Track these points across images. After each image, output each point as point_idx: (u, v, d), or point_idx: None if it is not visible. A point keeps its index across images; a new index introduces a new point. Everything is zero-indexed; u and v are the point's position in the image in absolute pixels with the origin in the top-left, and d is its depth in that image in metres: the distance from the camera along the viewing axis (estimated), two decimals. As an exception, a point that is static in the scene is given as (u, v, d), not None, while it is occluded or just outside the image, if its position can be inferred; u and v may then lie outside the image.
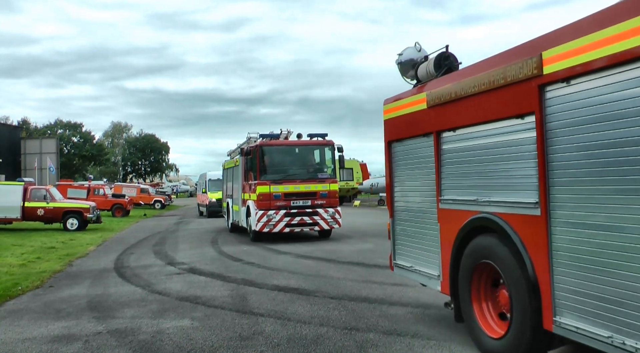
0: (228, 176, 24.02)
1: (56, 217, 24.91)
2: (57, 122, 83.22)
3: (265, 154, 17.99)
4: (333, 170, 18.56)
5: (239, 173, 20.32)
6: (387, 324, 7.13)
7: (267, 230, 17.58)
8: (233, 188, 22.07)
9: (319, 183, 18.05)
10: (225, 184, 24.70)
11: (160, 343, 6.63)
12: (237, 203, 20.94)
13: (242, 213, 19.72)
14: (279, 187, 17.60)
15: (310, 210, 17.87)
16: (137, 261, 14.30)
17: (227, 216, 23.75)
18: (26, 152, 56.58)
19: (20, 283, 10.99)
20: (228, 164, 24.31)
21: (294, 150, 18.70)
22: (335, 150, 18.55)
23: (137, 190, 48.23)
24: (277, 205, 17.59)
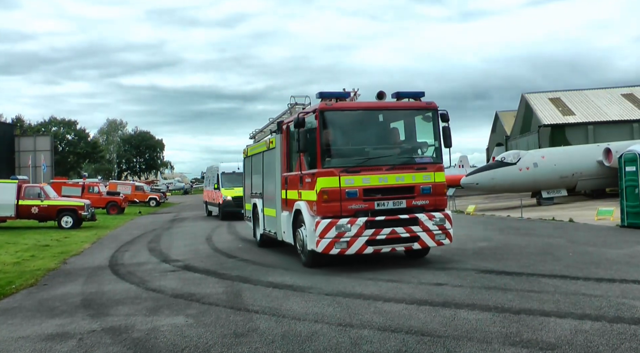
0: (254, 167, 16.40)
1: (50, 215, 24.83)
2: (51, 120, 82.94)
3: (330, 124, 11.10)
4: (437, 151, 11.75)
5: (274, 160, 13.71)
6: (381, 320, 7.14)
7: (337, 251, 10.68)
8: (264, 183, 14.98)
9: (417, 172, 11.22)
10: (249, 178, 17.16)
11: (154, 340, 6.63)
12: (271, 205, 14.21)
13: (284, 221, 12.88)
14: (354, 178, 10.80)
15: (405, 215, 11.03)
16: (132, 258, 14.28)
17: (254, 223, 16.41)
18: (20, 149, 56.31)
19: (14, 282, 10.96)
20: (253, 150, 16.91)
21: (376, 118, 11.83)
22: (438, 118, 11.71)
23: (131, 187, 48.19)
24: (352, 208, 10.78)
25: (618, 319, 6.82)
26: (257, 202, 15.76)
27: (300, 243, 11.91)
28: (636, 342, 5.96)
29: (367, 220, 10.77)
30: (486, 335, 6.31)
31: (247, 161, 17.83)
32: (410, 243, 11.15)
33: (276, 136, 13.78)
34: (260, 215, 15.37)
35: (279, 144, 13.45)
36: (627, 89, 45.29)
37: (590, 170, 29.21)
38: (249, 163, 17.30)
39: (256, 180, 16.02)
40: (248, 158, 17.52)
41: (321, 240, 10.70)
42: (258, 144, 17.25)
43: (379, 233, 10.82)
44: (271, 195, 14.14)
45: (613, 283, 8.92)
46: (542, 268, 10.38)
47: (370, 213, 10.87)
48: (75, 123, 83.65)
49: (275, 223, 13.79)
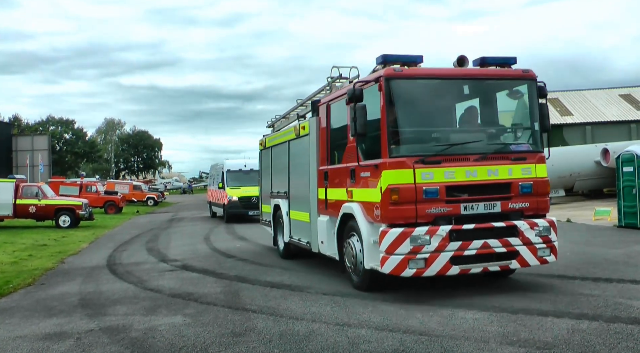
0: (275, 160, 13.83)
1: (48, 214, 24.80)
2: (49, 119, 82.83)
3: (401, 97, 8.28)
4: (534, 135, 8.95)
5: (306, 150, 11.05)
6: (379, 320, 7.15)
7: (412, 272, 7.94)
8: (290, 180, 12.28)
9: (515, 164, 8.52)
10: (268, 174, 14.35)
11: (152, 340, 6.63)
12: (301, 207, 11.52)
13: (323, 228, 10.34)
14: (433, 171, 8.10)
15: (501, 223, 8.33)
16: (130, 258, 14.27)
17: (276, 229, 13.78)
18: (17, 149, 56.22)
19: (11, 281, 10.95)
20: (273, 140, 14.10)
21: (460, 90, 9.09)
22: (536, 91, 8.86)
23: (129, 187, 48.15)
24: (430, 213, 8.09)
25: (615, 319, 6.84)
26: (280, 203, 12.90)
27: (350, 259, 9.14)
28: (633, 341, 5.98)
29: (452, 230, 8.02)
30: (484, 335, 6.33)
31: (265, 154, 14.88)
32: (506, 262, 8.29)
33: (310, 120, 11.01)
34: (285, 219, 12.51)
35: (314, 129, 10.73)
36: (625, 90, 45.39)
37: (587, 170, 29.26)
38: (268, 156, 14.41)
39: (278, 176, 13.33)
40: (266, 150, 14.58)
41: (389, 257, 7.86)
42: (281, 131, 13.70)
43: (467, 247, 8.05)
44: (301, 194, 11.41)
45: (610, 283, 8.95)
46: (539, 268, 10.39)
47: (454, 219, 8.14)
48: (73, 122, 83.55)
49: (308, 231, 11.08)
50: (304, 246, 11.44)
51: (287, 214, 12.44)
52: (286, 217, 12.50)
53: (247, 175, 26.73)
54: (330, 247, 10.10)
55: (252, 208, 24.65)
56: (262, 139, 15.28)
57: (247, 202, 25.22)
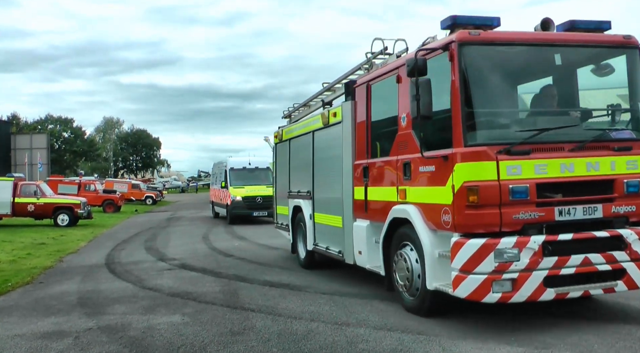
0: (294, 155, 12.15)
1: (47, 212, 24.78)
2: (47, 117, 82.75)
3: (478, 68, 6.62)
4: (638, 118, 7.11)
5: (337, 141, 9.43)
6: (377, 319, 7.16)
7: (497, 296, 6.13)
8: (314, 177, 10.65)
9: (618, 155, 6.73)
10: (285, 171, 12.67)
11: (151, 339, 6.63)
12: (329, 209, 9.95)
13: (360, 235, 8.79)
14: (521, 164, 6.32)
15: (604, 233, 6.49)
16: (128, 257, 14.27)
17: (295, 234, 12.06)
18: (16, 147, 56.11)
19: (10, 280, 10.94)
20: (293, 131, 12.34)
21: (550, 60, 7.01)
22: (639, 63, 7.09)
23: (128, 185, 48.08)
24: (518, 218, 6.28)
25: (613, 318, 6.85)
26: (301, 204, 11.29)
27: (402, 276, 7.39)
28: (631, 340, 5.99)
29: (546, 241, 6.21)
30: (482, 334, 6.34)
31: (281, 148, 13.17)
32: (611, 283, 6.44)
33: (343, 105, 9.29)
34: (308, 223, 10.88)
35: (348, 115, 9.04)
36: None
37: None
38: (285, 150, 12.65)
39: (299, 173, 11.60)
40: (283, 143, 12.90)
41: (466, 278, 6.12)
42: (303, 121, 11.99)
43: (564, 264, 6.25)
44: (330, 194, 9.81)
45: None
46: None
47: (546, 227, 6.34)
48: (72, 121, 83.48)
49: (340, 238, 9.40)
50: (334, 256, 9.73)
51: (311, 217, 10.81)
52: (309, 221, 10.87)
53: (251, 174, 25.86)
54: (371, 259, 8.40)
55: (256, 209, 23.97)
56: (278, 130, 13.45)
57: (251, 202, 24.25)
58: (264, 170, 26.14)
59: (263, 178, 25.67)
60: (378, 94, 8.50)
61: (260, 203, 24.06)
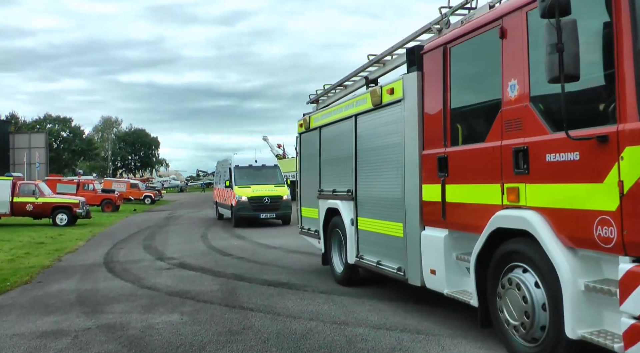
0: (327, 145, 10.25)
1: (45, 212, 24.76)
2: (46, 117, 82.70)
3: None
4: None
5: (394, 126, 7.52)
6: (376, 318, 7.16)
7: None
8: (357, 173, 8.73)
9: None
10: (314, 165, 10.64)
11: (149, 338, 6.62)
12: (385, 214, 7.84)
13: (436, 250, 6.61)
14: None
15: None
16: (127, 256, 14.26)
17: (329, 243, 10.13)
18: (15, 146, 56.11)
19: (8, 279, 10.93)
20: (324, 117, 10.39)
21: None
22: None
23: (126, 185, 48.10)
24: None
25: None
26: (338, 206, 9.28)
27: (514, 311, 5.33)
28: (630, 340, 5.97)
29: None
30: (481, 334, 6.33)
31: (307, 138, 11.20)
32: None
33: (405, 78, 7.18)
34: (349, 230, 8.89)
35: (413, 90, 7.05)
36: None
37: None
38: (313, 140, 10.70)
39: (334, 167, 9.72)
40: (310, 132, 10.93)
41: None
42: (340, 103, 9.81)
43: None
44: (381, 194, 7.88)
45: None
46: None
47: None
48: (70, 120, 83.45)
49: (399, 251, 7.35)
50: (389, 273, 7.62)
51: (353, 223, 8.81)
52: (350, 228, 8.87)
53: (258, 172, 23.88)
54: (453, 282, 6.43)
55: (264, 211, 22.22)
56: (304, 118, 11.41)
57: (258, 203, 22.28)
58: (272, 168, 24.41)
59: (270, 177, 23.91)
60: (463, 59, 6.43)
61: (268, 205, 22.36)
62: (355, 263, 8.82)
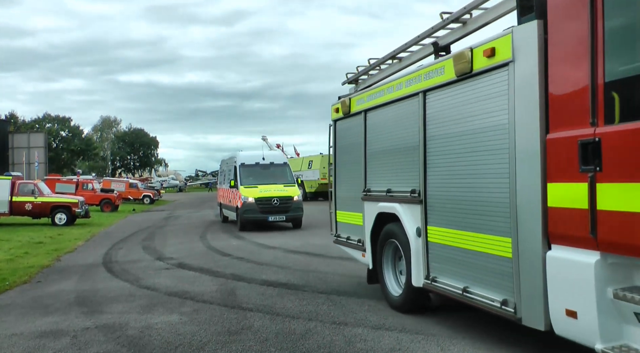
0: (377, 134, 8.14)
1: (44, 211, 24.75)
2: (45, 116, 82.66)
3: None
4: None
5: (495, 101, 5.46)
6: (375, 319, 7.16)
7: None
8: (429, 168, 6.71)
9: None
10: (358, 159, 8.65)
11: (148, 338, 6.62)
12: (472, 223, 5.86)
13: (577, 284, 4.49)
14: None
15: None
16: (126, 256, 14.25)
17: (378, 256, 8.12)
18: (14, 146, 56.03)
19: (7, 279, 10.92)
20: (371, 98, 8.22)
21: None
22: None
23: (125, 185, 48.05)
24: None
25: None
26: (396, 211, 7.36)
27: None
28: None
29: None
30: (480, 334, 6.34)
31: (345, 126, 9.27)
32: None
33: (515, 32, 5.27)
34: (414, 242, 6.97)
35: (531, 48, 5.04)
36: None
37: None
38: (355, 128, 8.75)
39: (387, 161, 7.80)
40: (351, 119, 8.97)
41: None
42: (396, 80, 7.56)
43: None
44: (469, 196, 5.94)
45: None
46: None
47: None
48: (69, 120, 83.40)
49: (504, 277, 5.43)
50: (488, 307, 5.61)
51: (421, 233, 6.87)
52: (417, 240, 6.94)
53: (266, 171, 21.95)
54: (610, 333, 4.33)
55: (272, 213, 20.29)
56: (342, 100, 9.22)
57: (266, 205, 20.34)
58: (281, 166, 22.40)
59: (279, 176, 21.94)
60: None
61: (277, 206, 20.39)
62: (425, 286, 6.77)
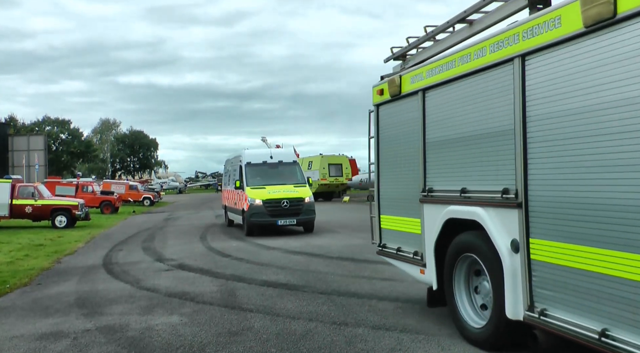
0: (438, 120, 6.53)
1: (44, 214, 24.73)
2: (45, 119, 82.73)
3: None
4: None
5: None
6: (376, 319, 7.16)
7: None
8: (528, 160, 5.05)
9: None
10: (413, 153, 6.96)
11: (149, 339, 6.62)
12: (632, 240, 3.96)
13: None
14: None
15: None
16: (126, 257, 14.25)
17: (444, 277, 6.46)
18: (14, 149, 56.03)
19: (7, 281, 10.91)
20: (431, 74, 6.56)
21: None
22: None
23: (125, 187, 48.01)
24: None
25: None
26: (478, 217, 5.71)
27: None
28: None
29: None
30: (480, 333, 6.34)
31: (395, 110, 7.54)
32: None
33: None
34: (509, 260, 5.29)
35: None
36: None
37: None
38: (409, 111, 7.11)
39: (458, 152, 6.14)
40: (403, 100, 7.30)
41: None
42: (472, 46, 5.90)
43: None
44: (605, 200, 4.24)
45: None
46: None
47: None
48: (69, 122, 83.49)
49: None
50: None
51: (519, 249, 5.20)
52: (512, 257, 5.27)
53: (274, 170, 20.08)
54: None
55: (282, 216, 18.46)
56: (390, 79, 7.46)
57: (275, 208, 18.52)
58: (290, 165, 20.47)
59: (289, 176, 20.07)
60: None
61: (287, 209, 18.56)
62: (526, 320, 5.10)
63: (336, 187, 44.58)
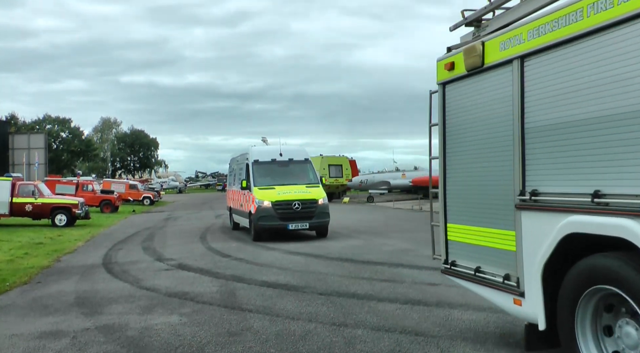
0: (562, 100, 4.48)
1: (44, 212, 24.74)
2: (45, 117, 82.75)
3: None
4: None
5: None
6: (375, 320, 7.16)
7: None
8: None
9: None
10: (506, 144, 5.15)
11: (148, 339, 6.62)
12: None
13: None
14: None
15: None
16: (126, 257, 14.25)
17: (555, 311, 4.62)
18: (14, 147, 56.04)
19: (7, 279, 10.91)
20: (550, 28, 4.55)
21: None
22: None
23: (125, 186, 48.02)
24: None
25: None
26: (631, 234, 3.75)
27: None
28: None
29: None
30: (480, 335, 6.34)
31: (470, 90, 5.78)
32: None
33: None
34: None
35: None
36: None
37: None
38: (492, 91, 5.39)
39: (576, 141, 4.36)
40: (482, 75, 5.55)
41: None
42: None
43: None
44: None
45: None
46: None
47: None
48: (70, 121, 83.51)
49: None
50: None
51: None
52: None
53: (284, 169, 18.26)
54: None
55: (293, 220, 16.80)
56: (469, 47, 5.65)
57: (285, 210, 16.83)
58: (302, 164, 18.58)
59: (300, 175, 18.27)
60: None
61: (299, 212, 16.88)
62: None
63: (336, 188, 44.57)
